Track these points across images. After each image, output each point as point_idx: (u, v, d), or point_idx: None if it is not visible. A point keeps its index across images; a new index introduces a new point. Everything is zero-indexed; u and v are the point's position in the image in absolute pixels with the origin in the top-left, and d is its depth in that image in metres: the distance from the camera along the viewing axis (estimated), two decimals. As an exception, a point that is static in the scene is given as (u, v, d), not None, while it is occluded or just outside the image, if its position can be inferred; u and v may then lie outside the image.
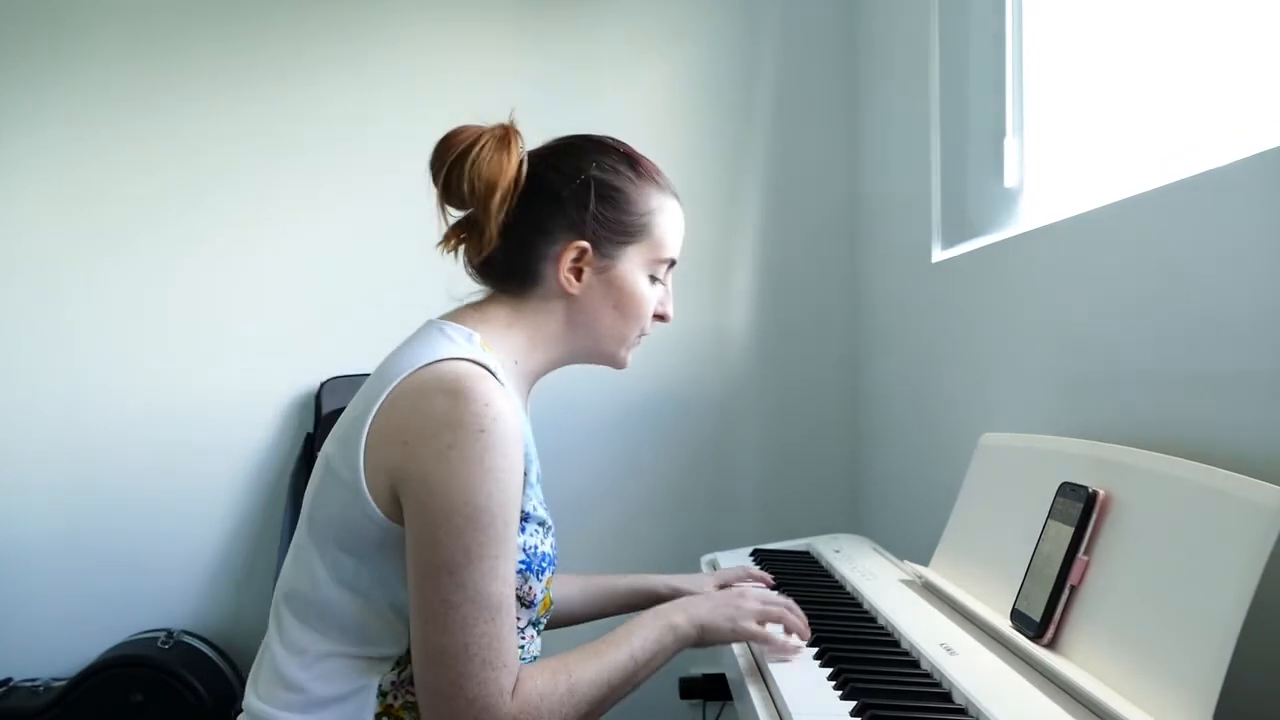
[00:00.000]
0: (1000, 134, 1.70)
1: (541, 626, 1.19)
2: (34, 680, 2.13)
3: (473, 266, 1.19)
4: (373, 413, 1.04)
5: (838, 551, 1.60)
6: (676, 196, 1.24)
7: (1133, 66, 1.37)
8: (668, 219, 1.21)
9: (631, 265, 1.18)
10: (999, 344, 1.54)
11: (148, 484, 2.22)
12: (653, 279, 1.21)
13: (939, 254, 1.79)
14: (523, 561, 1.07)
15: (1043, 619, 1.00)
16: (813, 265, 2.31)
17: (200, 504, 2.23)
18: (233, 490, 2.24)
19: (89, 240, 2.24)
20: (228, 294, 2.24)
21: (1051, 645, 0.99)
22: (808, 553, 1.66)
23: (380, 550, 1.03)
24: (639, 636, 1.08)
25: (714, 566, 1.60)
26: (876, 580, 1.39)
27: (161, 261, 2.25)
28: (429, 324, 1.13)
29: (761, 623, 1.11)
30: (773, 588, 1.40)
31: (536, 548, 1.10)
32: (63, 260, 2.24)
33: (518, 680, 1.01)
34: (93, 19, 2.24)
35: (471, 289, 1.19)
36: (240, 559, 2.26)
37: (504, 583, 1.00)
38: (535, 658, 1.19)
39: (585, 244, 1.15)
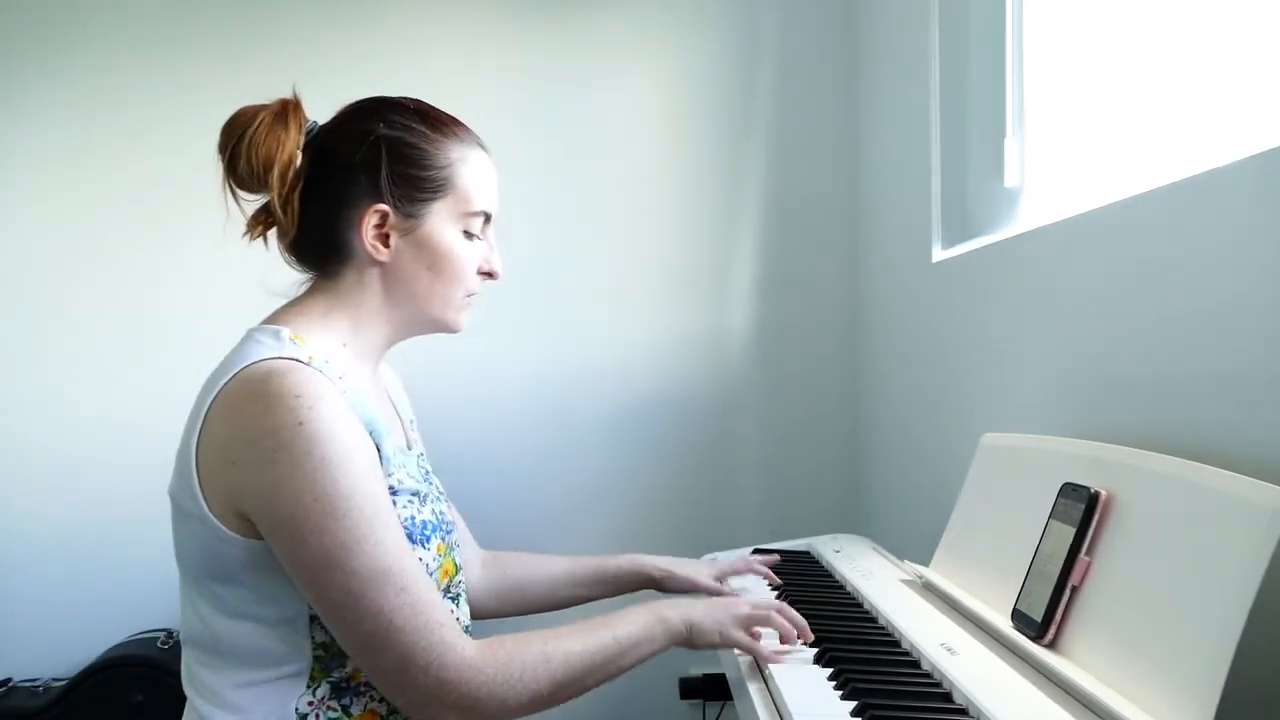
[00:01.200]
0: (1000, 134, 1.70)
1: (458, 596, 1.17)
2: (34, 680, 2.13)
3: (286, 251, 1.16)
4: (195, 438, 1.01)
5: (838, 551, 1.61)
6: (482, 147, 1.19)
7: (1133, 66, 1.37)
8: (471, 170, 1.15)
9: (439, 222, 1.13)
10: (999, 344, 1.54)
11: (148, 484, 2.21)
12: (468, 234, 1.16)
13: (939, 254, 1.79)
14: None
15: (1044, 619, 1.00)
16: (813, 265, 2.31)
17: (200, 504, 2.23)
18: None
19: (87, 237, 2.23)
20: (229, 293, 2.24)
21: (1052, 645, 0.99)
22: (808, 552, 1.66)
23: (249, 570, 1.01)
24: (626, 621, 1.07)
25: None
26: (876, 580, 1.39)
27: (161, 260, 2.24)
28: (246, 333, 1.10)
29: (750, 628, 1.10)
30: (775, 586, 1.40)
31: (413, 518, 1.08)
32: (62, 258, 2.23)
33: (488, 640, 1.00)
34: (91, 18, 2.24)
35: (295, 279, 1.17)
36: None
37: (395, 552, 0.97)
38: (467, 628, 1.17)
39: (385, 206, 1.11)
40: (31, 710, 2.03)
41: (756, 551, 1.66)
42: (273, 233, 1.16)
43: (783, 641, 1.10)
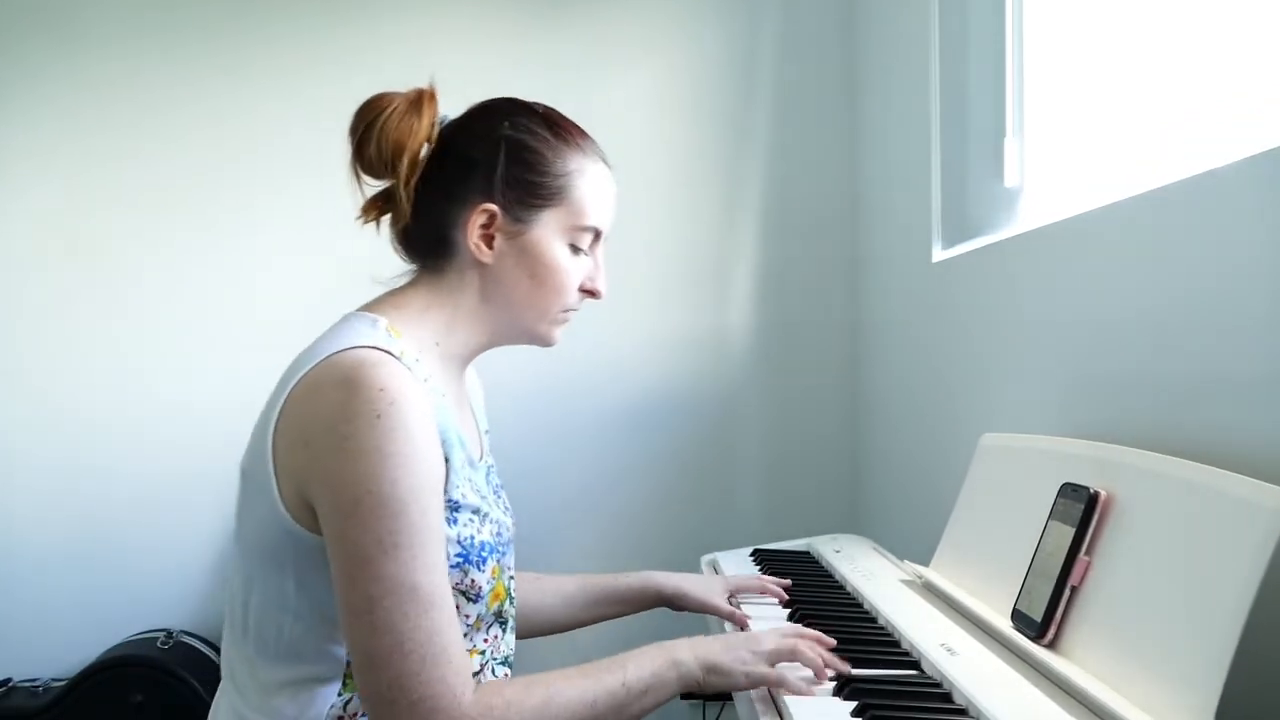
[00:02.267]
0: (1000, 134, 1.70)
1: (508, 625, 1.14)
2: (34, 680, 2.13)
3: (396, 240, 1.15)
4: (274, 417, 1.00)
5: (838, 551, 1.60)
6: (605, 162, 1.17)
7: (1133, 66, 1.37)
8: (589, 183, 1.13)
9: (547, 231, 1.11)
10: (999, 344, 1.54)
11: (148, 484, 2.22)
12: (574, 249, 1.13)
13: (939, 254, 1.79)
14: (459, 554, 1.02)
15: (1043, 619, 1.00)
16: (813, 265, 2.31)
17: (201, 504, 2.23)
18: (233, 490, 2.23)
19: (86, 240, 2.24)
20: (230, 293, 2.24)
21: (1052, 646, 0.99)
22: (808, 553, 1.66)
23: (300, 561, 0.99)
24: (635, 664, 1.00)
25: (715, 567, 1.60)
26: (877, 580, 1.39)
27: (162, 261, 2.24)
28: (342, 317, 1.09)
29: (774, 663, 1.02)
30: (786, 604, 1.35)
31: (473, 538, 1.05)
32: (62, 259, 2.23)
33: (485, 686, 0.95)
34: (90, 17, 2.24)
35: (400, 270, 1.16)
36: (240, 559, 2.26)
37: (430, 573, 0.93)
38: (507, 658, 1.15)
39: (494, 207, 1.09)
40: (31, 710, 2.03)
41: (756, 552, 1.66)
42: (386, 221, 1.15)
43: (816, 677, 1.01)
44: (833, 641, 1.05)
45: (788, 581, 1.40)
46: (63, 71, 2.23)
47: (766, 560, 1.60)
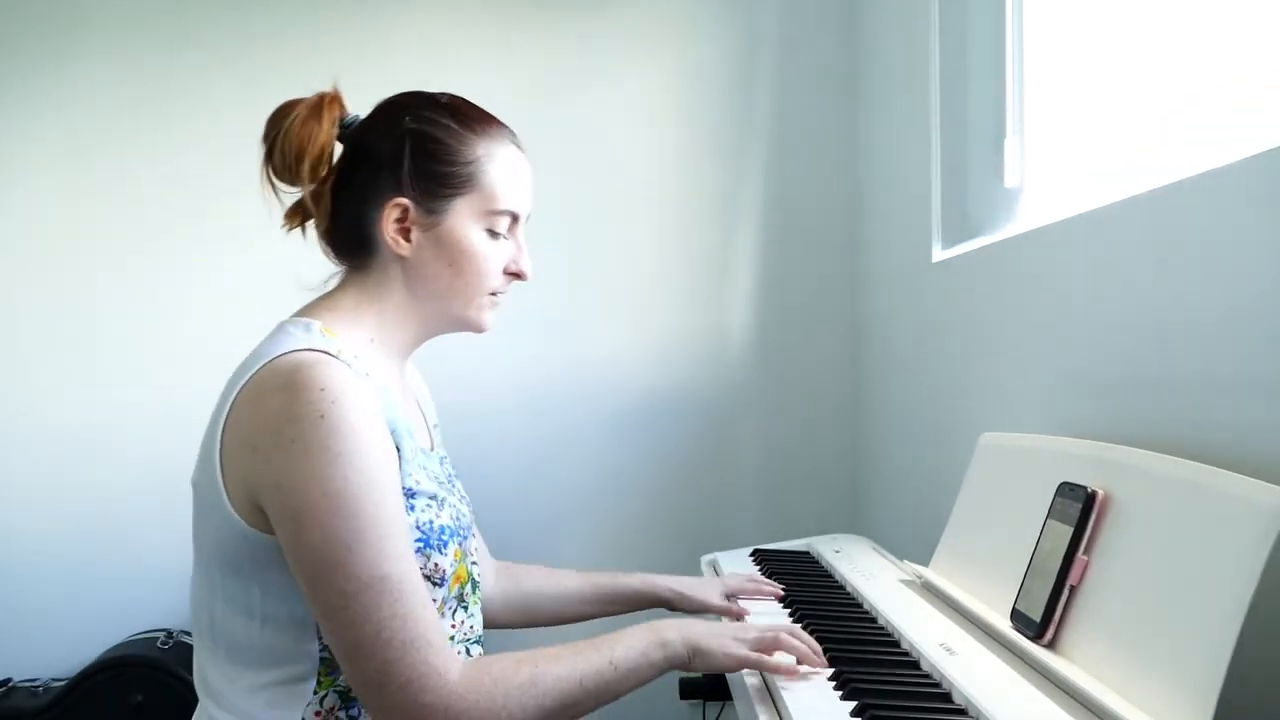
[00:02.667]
0: (1000, 134, 1.70)
1: (471, 605, 1.15)
2: (34, 680, 2.13)
3: (322, 243, 1.17)
4: (220, 427, 1.02)
5: (838, 551, 1.60)
6: (516, 145, 1.18)
7: (1133, 66, 1.37)
8: (499, 168, 1.14)
9: (461, 219, 1.12)
10: (999, 344, 1.54)
11: (148, 484, 2.21)
12: (492, 233, 1.15)
13: (939, 254, 1.79)
14: (420, 539, 1.04)
15: (1042, 619, 1.00)
16: (813, 265, 2.31)
17: (200, 504, 2.23)
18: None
19: (89, 240, 2.24)
20: (229, 294, 2.24)
21: (1051, 645, 0.99)
22: (808, 553, 1.66)
23: (260, 565, 1.00)
24: (624, 644, 1.02)
25: (714, 567, 1.60)
26: (876, 580, 1.39)
27: (163, 262, 2.24)
28: (276, 325, 1.11)
29: (757, 649, 1.05)
30: (781, 598, 1.37)
31: (431, 522, 1.07)
32: (63, 260, 2.24)
33: (472, 663, 0.98)
34: (91, 17, 2.24)
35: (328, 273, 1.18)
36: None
37: (397, 561, 0.95)
38: (479, 638, 1.17)
39: (405, 201, 1.11)
40: (31, 710, 2.03)
41: (756, 552, 1.66)
42: (311, 225, 1.18)
43: (799, 664, 1.04)
44: (824, 661, 1.05)
45: (779, 590, 1.40)
46: (61, 74, 2.23)
47: (766, 560, 1.60)
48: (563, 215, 2.27)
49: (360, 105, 1.18)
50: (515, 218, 1.17)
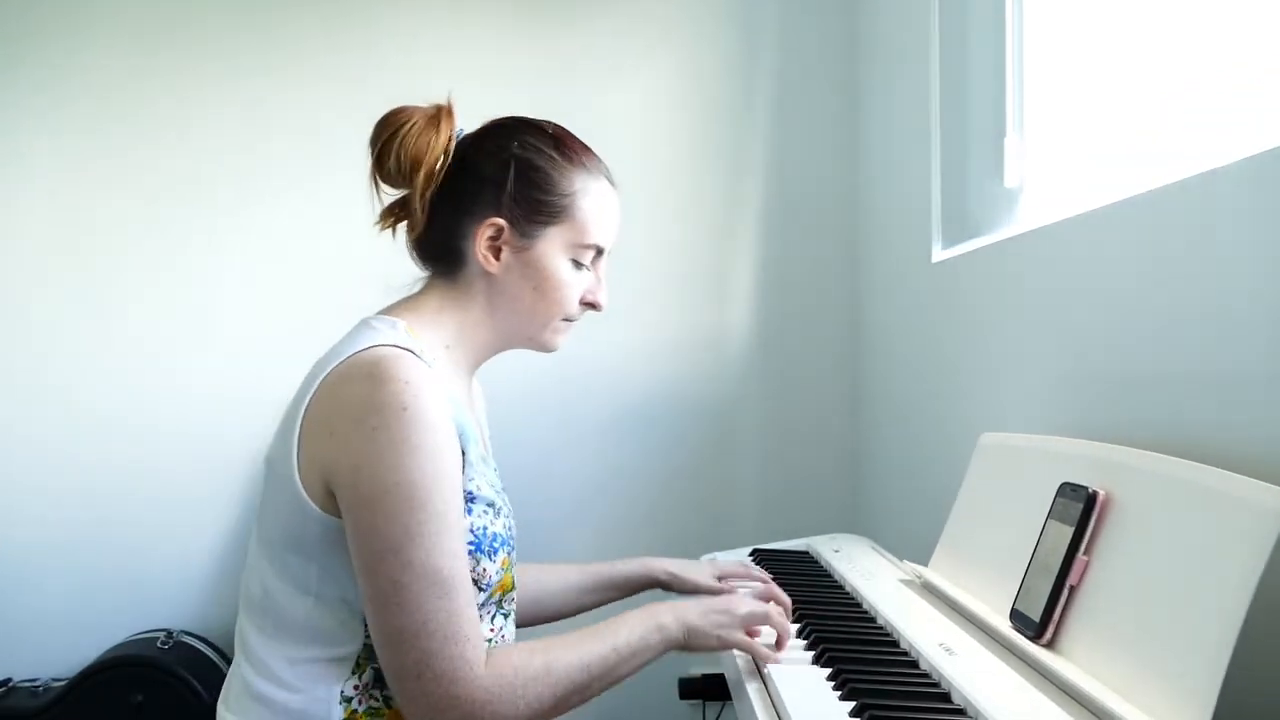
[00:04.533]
0: (1000, 134, 1.70)
1: (509, 612, 1.19)
2: (34, 680, 2.13)
3: (411, 248, 1.21)
4: (302, 410, 1.06)
5: (837, 551, 1.60)
6: (610, 182, 1.23)
7: (1133, 66, 1.37)
8: (592, 203, 1.19)
9: (551, 247, 1.18)
10: (999, 344, 1.54)
11: (148, 484, 2.22)
12: (576, 264, 1.20)
13: (939, 254, 1.79)
14: (472, 542, 1.08)
15: (1042, 619, 1.00)
16: (813, 265, 2.31)
17: (200, 504, 2.23)
18: (232, 490, 2.24)
19: (89, 240, 2.23)
20: (230, 294, 2.24)
21: (1051, 645, 0.99)
22: (807, 553, 1.66)
23: (323, 546, 1.04)
24: (625, 630, 1.08)
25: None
26: (876, 580, 1.39)
27: (163, 262, 2.24)
28: (361, 321, 1.15)
29: (747, 628, 1.11)
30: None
31: (486, 528, 1.11)
32: (63, 260, 2.23)
33: (492, 654, 1.02)
34: (92, 18, 2.24)
35: (414, 276, 1.22)
36: (240, 559, 2.24)
37: (452, 558, 1.00)
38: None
39: (501, 221, 1.15)
40: (31, 710, 2.03)
41: (755, 552, 1.66)
42: (402, 228, 1.21)
43: (779, 643, 1.10)
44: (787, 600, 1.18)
45: (766, 576, 1.44)
46: (82, 66, 2.23)
47: (766, 560, 1.60)
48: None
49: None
50: (599, 252, 1.22)
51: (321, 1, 2.26)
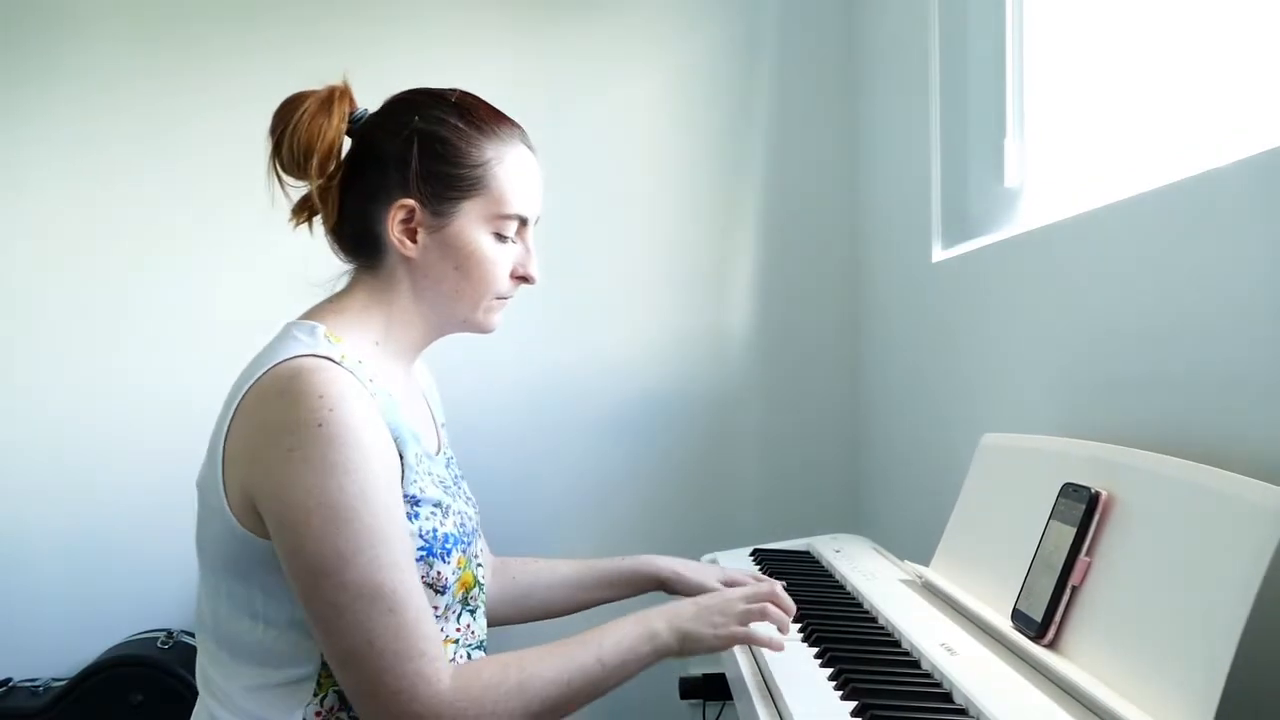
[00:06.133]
0: (1000, 134, 1.70)
1: (476, 609, 1.15)
2: (34, 680, 2.13)
3: (331, 241, 1.15)
4: (224, 434, 1.02)
5: (838, 551, 1.60)
6: (527, 145, 1.15)
7: (1133, 66, 1.37)
8: (508, 171, 1.12)
9: (468, 222, 1.10)
10: (999, 344, 1.54)
11: (148, 484, 2.21)
12: (500, 237, 1.13)
13: (939, 254, 1.79)
14: (422, 547, 1.03)
15: (1044, 619, 1.00)
16: (813, 265, 2.31)
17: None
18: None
19: (89, 239, 2.23)
20: (229, 295, 2.24)
21: (1052, 646, 0.99)
22: (808, 553, 1.66)
23: (262, 570, 1.00)
24: (611, 639, 1.03)
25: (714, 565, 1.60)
26: (877, 580, 1.39)
27: (163, 261, 2.24)
28: (284, 327, 1.10)
29: (746, 623, 1.06)
30: None
31: (435, 530, 1.05)
32: (63, 259, 2.23)
33: (461, 670, 0.98)
34: (94, 19, 2.24)
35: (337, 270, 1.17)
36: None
37: (393, 570, 0.95)
38: (481, 643, 1.16)
39: (411, 202, 1.09)
40: (31, 710, 2.03)
41: (756, 552, 1.66)
42: (319, 221, 1.16)
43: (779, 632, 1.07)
44: (792, 606, 1.10)
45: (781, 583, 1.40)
46: (78, 69, 2.23)
47: (766, 560, 1.60)
48: (562, 215, 2.27)
49: (364, 103, 1.17)
50: (524, 221, 1.15)
51: (322, 5, 2.26)
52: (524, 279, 1.17)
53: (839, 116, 2.31)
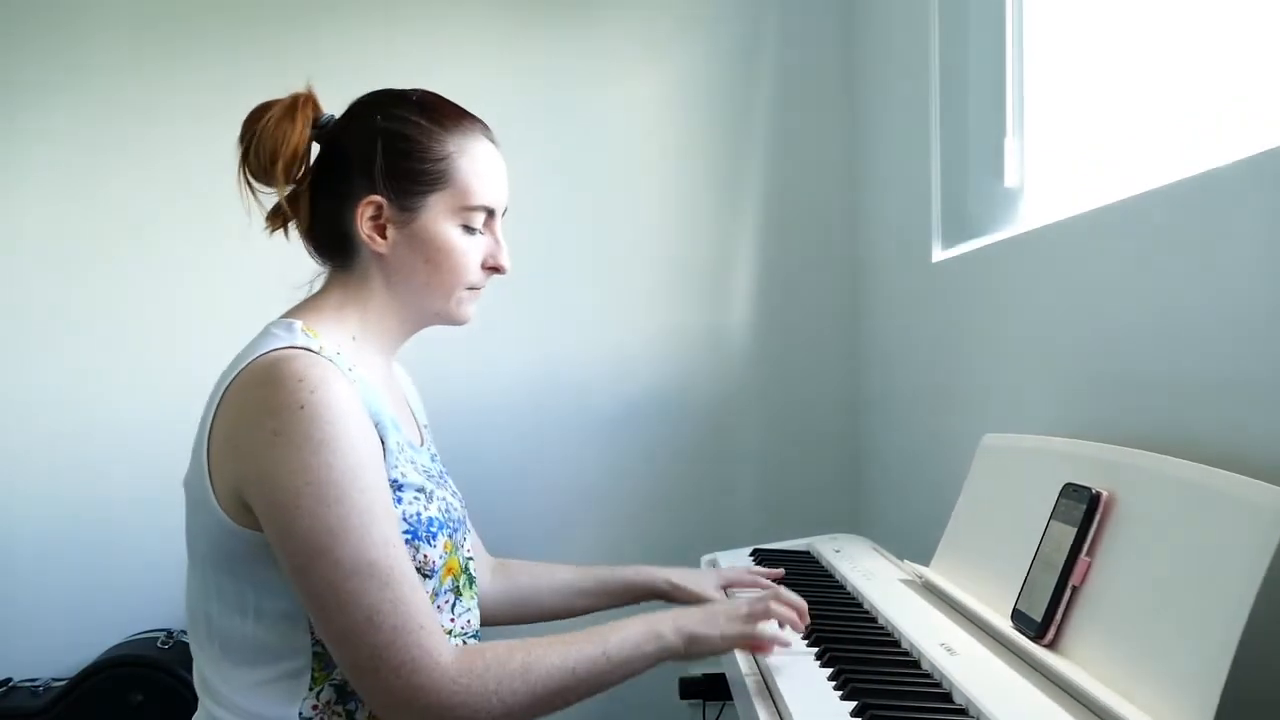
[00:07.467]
0: (1000, 134, 1.70)
1: (469, 599, 1.16)
2: (34, 680, 2.13)
3: (306, 244, 1.18)
4: (208, 428, 1.03)
5: (838, 551, 1.60)
6: (490, 140, 1.18)
7: (1133, 66, 1.37)
8: (471, 164, 1.14)
9: (435, 215, 1.13)
10: (999, 344, 1.54)
11: (148, 483, 2.21)
12: (468, 229, 1.15)
13: (939, 254, 1.79)
14: (408, 530, 1.04)
15: (1044, 619, 1.00)
16: (813, 265, 2.31)
17: (200, 504, 2.23)
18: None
19: (89, 239, 2.23)
20: (229, 294, 2.24)
21: (1052, 646, 0.99)
22: (808, 553, 1.66)
23: (252, 563, 1.01)
24: (618, 635, 1.04)
25: (714, 566, 1.60)
26: (877, 580, 1.39)
27: (163, 261, 2.24)
28: (264, 327, 1.12)
29: (752, 624, 1.08)
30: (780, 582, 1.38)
31: (419, 514, 1.07)
32: (62, 259, 2.23)
33: (467, 649, 0.99)
34: (96, 22, 2.24)
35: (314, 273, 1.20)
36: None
37: (385, 546, 0.97)
38: (476, 633, 1.17)
39: (379, 199, 1.11)
40: (31, 710, 2.03)
41: (756, 552, 1.66)
42: (294, 226, 1.18)
43: (781, 626, 1.08)
44: (803, 604, 1.11)
45: (779, 571, 1.42)
46: (57, 76, 2.23)
47: (766, 560, 1.60)
48: (561, 215, 2.27)
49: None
50: (491, 213, 1.18)
51: (317, 12, 2.26)
52: (495, 269, 1.19)
53: (839, 117, 2.31)
